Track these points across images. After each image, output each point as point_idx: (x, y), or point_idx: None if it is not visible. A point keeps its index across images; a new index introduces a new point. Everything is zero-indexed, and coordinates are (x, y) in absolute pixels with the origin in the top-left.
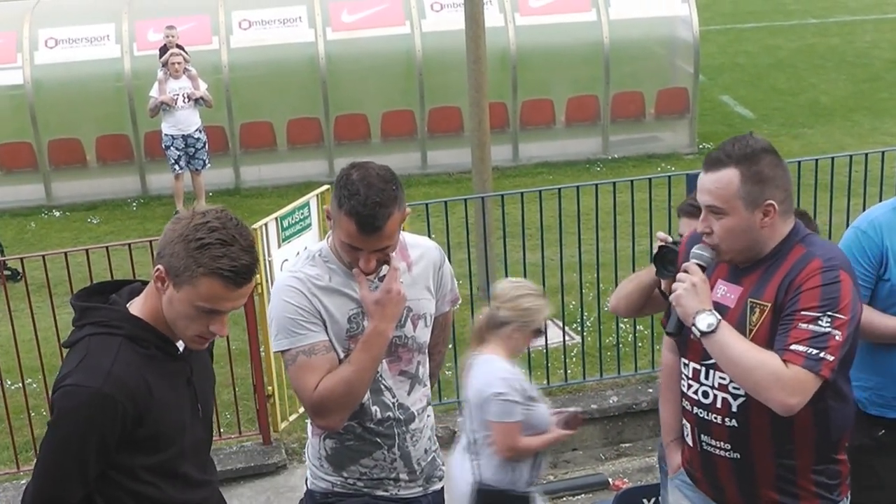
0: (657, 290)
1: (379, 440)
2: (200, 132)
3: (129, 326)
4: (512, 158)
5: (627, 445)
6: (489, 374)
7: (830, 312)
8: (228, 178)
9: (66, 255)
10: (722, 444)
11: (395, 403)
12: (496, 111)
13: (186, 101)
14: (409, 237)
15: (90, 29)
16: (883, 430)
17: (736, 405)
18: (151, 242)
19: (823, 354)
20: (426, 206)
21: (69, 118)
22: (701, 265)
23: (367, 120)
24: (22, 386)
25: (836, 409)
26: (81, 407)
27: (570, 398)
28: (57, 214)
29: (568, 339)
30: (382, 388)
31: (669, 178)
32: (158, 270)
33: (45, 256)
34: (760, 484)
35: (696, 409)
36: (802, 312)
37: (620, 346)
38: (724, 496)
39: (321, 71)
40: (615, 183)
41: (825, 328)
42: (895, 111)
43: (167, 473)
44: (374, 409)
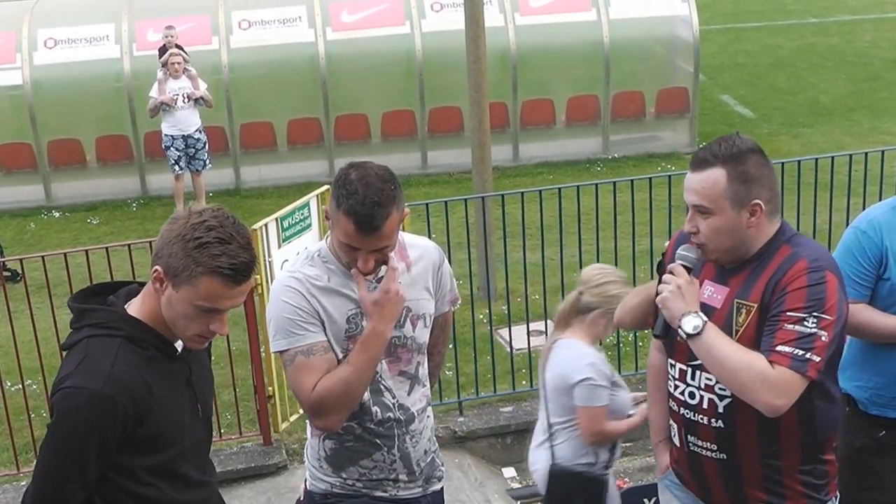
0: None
1: (378, 441)
2: (200, 132)
3: (127, 327)
4: (512, 158)
5: (628, 445)
6: (575, 359)
7: (816, 313)
8: (229, 178)
9: (65, 255)
10: (708, 444)
11: (395, 404)
12: (496, 111)
13: (186, 101)
14: (408, 237)
15: (89, 29)
16: (883, 430)
17: (722, 406)
18: (151, 243)
19: (810, 355)
20: (426, 206)
21: (69, 119)
22: (686, 266)
23: (367, 120)
24: (22, 387)
25: (822, 409)
26: (81, 408)
27: None
28: (56, 215)
29: None
30: (382, 388)
31: (670, 177)
32: (156, 271)
33: (44, 257)
34: (747, 484)
35: (682, 409)
36: (788, 313)
37: (621, 345)
38: (711, 496)
39: (321, 71)
40: (615, 183)
41: (811, 329)
42: (895, 110)
43: (167, 474)
44: (374, 409)
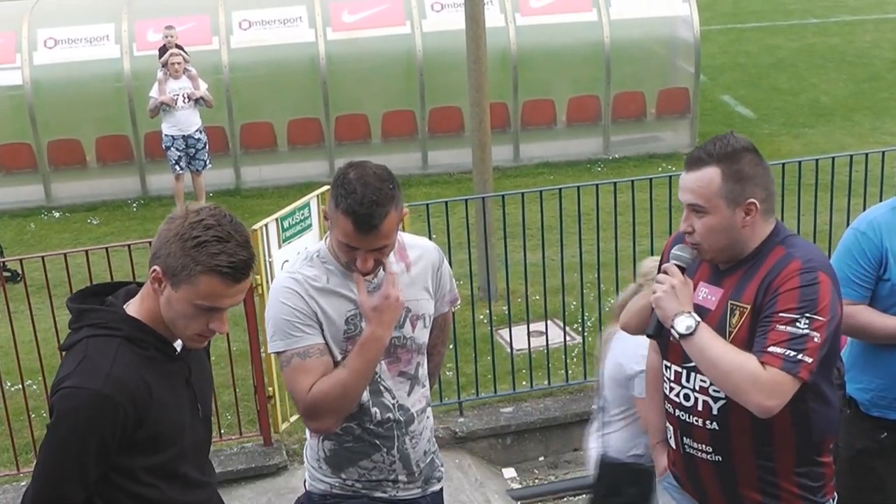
0: None
1: (378, 442)
2: (201, 132)
3: (126, 328)
4: (513, 158)
5: None
6: (633, 350)
7: (809, 314)
8: (229, 178)
9: (65, 256)
10: (704, 446)
11: (394, 404)
12: (497, 111)
13: (186, 101)
14: (407, 238)
15: (89, 29)
16: (885, 432)
17: (716, 408)
18: (151, 243)
19: (801, 356)
20: (427, 206)
21: (69, 119)
22: (680, 266)
23: (367, 120)
24: (22, 387)
25: (817, 411)
26: (81, 409)
27: (571, 398)
28: (56, 215)
29: (569, 339)
30: (382, 388)
31: (670, 177)
32: (155, 271)
33: (44, 258)
34: (742, 486)
35: (677, 411)
36: (780, 314)
37: None
38: (707, 498)
39: (321, 71)
40: (616, 183)
41: (803, 330)
42: (895, 111)
43: (167, 474)
44: (373, 410)
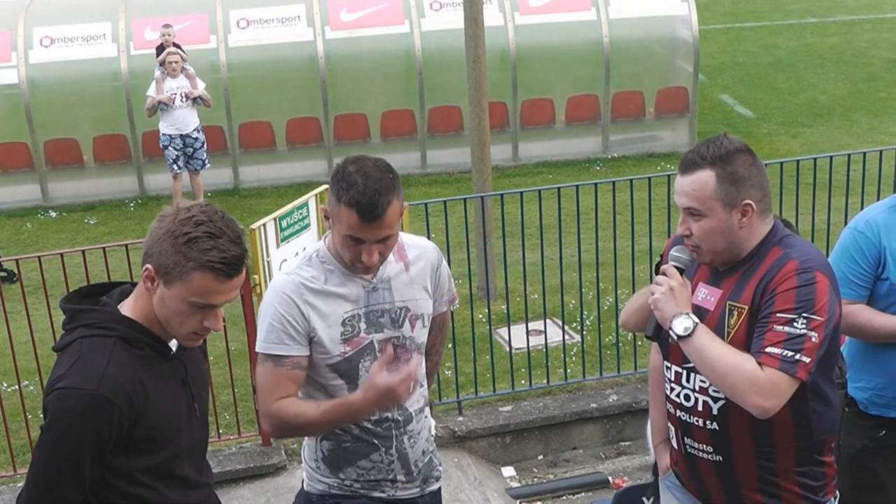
0: None
1: (376, 441)
2: (198, 132)
3: (121, 328)
4: (512, 158)
5: (627, 444)
6: None
7: (806, 314)
8: (227, 178)
9: (62, 256)
10: (704, 446)
11: None
12: (496, 111)
13: (184, 100)
14: (406, 237)
15: (86, 28)
16: (884, 430)
17: (716, 408)
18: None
19: (799, 356)
20: (425, 205)
21: (65, 118)
22: (679, 268)
23: (366, 119)
24: (18, 388)
25: (817, 411)
26: (76, 409)
27: (569, 397)
28: (53, 215)
29: (568, 338)
30: None
31: (669, 177)
32: (147, 270)
33: (41, 258)
34: (743, 486)
35: (678, 412)
36: (778, 314)
37: (620, 344)
38: (709, 498)
39: (320, 70)
40: (615, 182)
41: (801, 330)
42: (894, 110)
43: (165, 475)
44: None
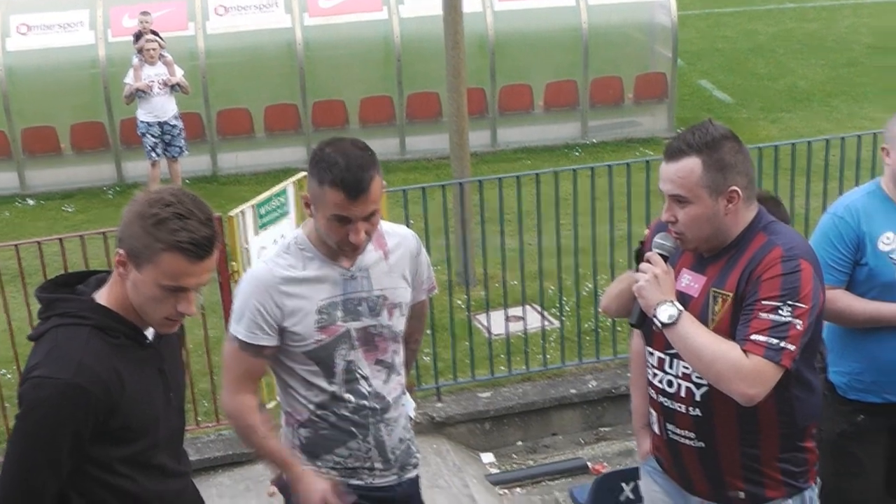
0: None
1: (354, 429)
2: (177, 119)
3: (96, 316)
4: (491, 144)
5: (607, 430)
6: None
7: (791, 301)
8: (205, 165)
9: (39, 244)
10: (687, 432)
11: (370, 392)
12: (475, 97)
13: (162, 87)
14: (386, 225)
15: (63, 15)
16: (862, 415)
17: (699, 394)
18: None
19: (784, 344)
20: (404, 192)
21: (43, 106)
22: (663, 255)
23: (344, 106)
24: None
25: (800, 398)
26: (51, 399)
27: (549, 383)
28: (31, 203)
29: (547, 324)
30: (359, 377)
31: (648, 162)
32: (119, 255)
33: (18, 246)
34: (726, 472)
35: (661, 398)
36: (763, 302)
37: (599, 330)
38: (691, 484)
39: (298, 57)
40: (593, 168)
41: (786, 317)
42: (873, 96)
43: (142, 464)
44: (349, 397)
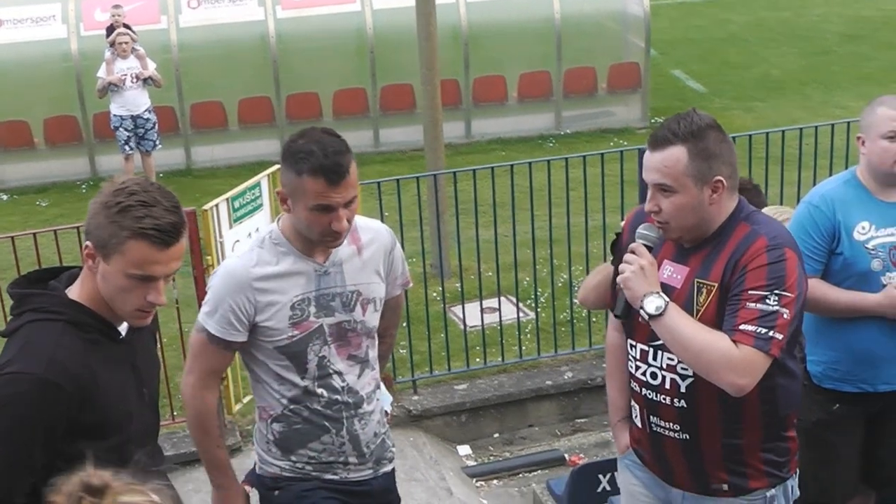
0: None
1: (327, 424)
2: (150, 113)
3: (69, 311)
4: (465, 135)
5: (583, 421)
6: None
7: (777, 291)
8: (179, 158)
9: (12, 239)
10: (671, 424)
11: (343, 387)
12: (448, 88)
13: (135, 81)
14: (360, 220)
15: (35, 9)
16: (838, 404)
17: (684, 386)
18: None
19: (772, 333)
20: (378, 184)
21: (15, 100)
22: (647, 246)
23: (318, 98)
24: None
25: (784, 386)
26: (24, 395)
27: (525, 374)
28: (4, 198)
29: (522, 315)
30: (332, 372)
31: (622, 152)
32: (87, 247)
33: None
34: (710, 463)
35: (644, 390)
36: (750, 292)
37: (575, 321)
38: (673, 477)
39: (272, 49)
40: (567, 158)
41: (773, 307)
42: (846, 84)
43: (115, 461)
44: (321, 391)
